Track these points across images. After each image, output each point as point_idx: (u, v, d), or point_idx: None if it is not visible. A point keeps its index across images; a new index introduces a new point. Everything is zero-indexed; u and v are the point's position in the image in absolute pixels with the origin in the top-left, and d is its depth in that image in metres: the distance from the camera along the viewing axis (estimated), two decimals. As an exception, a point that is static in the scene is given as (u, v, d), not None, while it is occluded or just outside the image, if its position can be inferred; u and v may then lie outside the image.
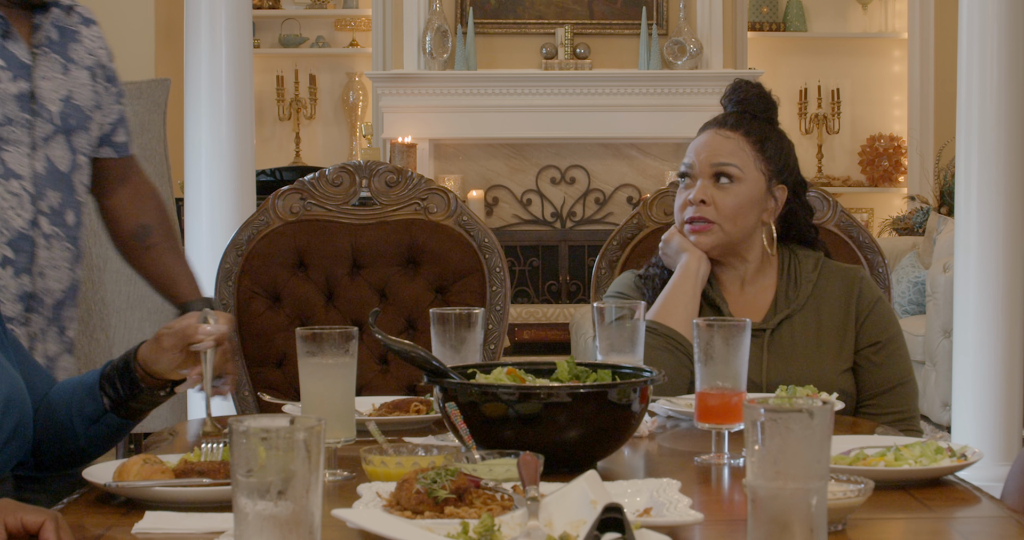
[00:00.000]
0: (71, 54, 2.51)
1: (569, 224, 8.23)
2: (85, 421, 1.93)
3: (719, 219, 2.46)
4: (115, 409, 1.93)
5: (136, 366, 1.92)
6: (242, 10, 4.19)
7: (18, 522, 1.46)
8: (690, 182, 2.50)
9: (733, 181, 2.46)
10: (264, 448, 1.21)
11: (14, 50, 2.41)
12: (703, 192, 2.46)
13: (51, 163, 2.43)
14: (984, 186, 4.34)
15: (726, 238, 2.47)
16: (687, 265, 2.47)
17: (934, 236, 6.93)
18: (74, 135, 2.49)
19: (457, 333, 2.13)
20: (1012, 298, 4.34)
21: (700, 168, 2.48)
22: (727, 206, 2.46)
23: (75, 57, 2.51)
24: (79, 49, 2.52)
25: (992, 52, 4.33)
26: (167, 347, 1.90)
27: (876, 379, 2.46)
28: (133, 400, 1.93)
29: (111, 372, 1.93)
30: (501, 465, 1.65)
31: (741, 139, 2.48)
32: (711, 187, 2.47)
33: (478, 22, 8.08)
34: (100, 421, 1.93)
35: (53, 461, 1.97)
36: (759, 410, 1.27)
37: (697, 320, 1.94)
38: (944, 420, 5.85)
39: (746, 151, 2.47)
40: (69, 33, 2.52)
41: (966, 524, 1.62)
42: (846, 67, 8.71)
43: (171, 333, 1.90)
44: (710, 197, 2.46)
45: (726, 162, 2.46)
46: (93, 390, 1.93)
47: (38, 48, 2.45)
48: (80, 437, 1.93)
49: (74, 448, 1.95)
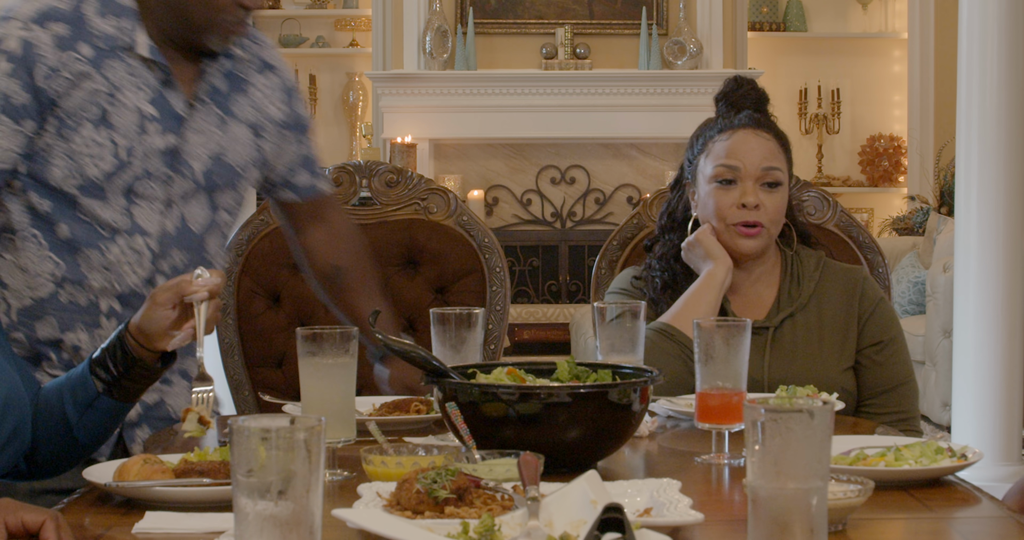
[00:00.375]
0: (233, 108, 2.39)
1: (569, 224, 8.23)
2: (79, 408, 1.91)
3: (767, 222, 2.45)
4: (109, 391, 1.91)
5: (128, 337, 1.90)
6: (242, 10, 4.19)
7: (18, 521, 1.46)
8: (733, 183, 2.45)
9: (779, 184, 2.45)
10: (264, 448, 1.21)
11: (171, 100, 2.31)
12: (756, 195, 2.44)
13: (184, 222, 2.33)
14: (984, 186, 4.34)
15: (770, 241, 2.48)
16: (713, 273, 2.45)
17: (934, 236, 6.93)
18: (218, 193, 2.39)
19: (457, 333, 2.13)
20: (1012, 298, 4.34)
21: (748, 170, 2.44)
22: (775, 209, 2.45)
23: (236, 112, 2.39)
24: (243, 103, 2.40)
25: (992, 52, 4.33)
26: (161, 302, 1.88)
27: (877, 379, 2.46)
28: (127, 378, 1.91)
29: (101, 355, 1.92)
30: (501, 465, 1.65)
31: (774, 140, 2.48)
32: (759, 190, 2.45)
33: (478, 22, 8.08)
34: (94, 406, 1.91)
35: (48, 460, 1.96)
36: (759, 410, 1.27)
37: (697, 320, 1.94)
38: (944, 420, 5.85)
39: (780, 153, 2.48)
40: (238, 83, 2.40)
41: (966, 524, 1.62)
42: (846, 67, 8.71)
43: (164, 289, 1.90)
44: (761, 200, 2.44)
45: (775, 166, 2.45)
46: (84, 376, 1.92)
47: (198, 99, 2.34)
48: (74, 427, 1.92)
49: (69, 442, 1.94)
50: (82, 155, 2.26)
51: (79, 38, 2.25)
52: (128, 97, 2.27)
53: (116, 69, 2.27)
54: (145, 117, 2.28)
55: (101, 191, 2.28)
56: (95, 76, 2.25)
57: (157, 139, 2.28)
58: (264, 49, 2.46)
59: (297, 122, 2.49)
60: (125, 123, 2.27)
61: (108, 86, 2.26)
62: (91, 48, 2.26)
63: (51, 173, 2.27)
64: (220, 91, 2.37)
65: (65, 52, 2.24)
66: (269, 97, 2.43)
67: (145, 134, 2.28)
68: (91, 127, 2.26)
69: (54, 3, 2.26)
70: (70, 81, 2.24)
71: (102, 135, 2.26)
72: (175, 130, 2.31)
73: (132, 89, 2.28)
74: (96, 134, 2.26)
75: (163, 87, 2.30)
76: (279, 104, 2.45)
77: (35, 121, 2.25)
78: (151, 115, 2.29)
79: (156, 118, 2.29)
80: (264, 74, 2.44)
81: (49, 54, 2.23)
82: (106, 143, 2.26)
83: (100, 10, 2.28)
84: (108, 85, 2.26)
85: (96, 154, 2.26)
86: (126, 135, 2.27)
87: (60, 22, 2.25)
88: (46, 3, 2.26)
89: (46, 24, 2.25)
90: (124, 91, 2.27)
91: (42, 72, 2.23)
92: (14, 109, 2.24)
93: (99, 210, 2.28)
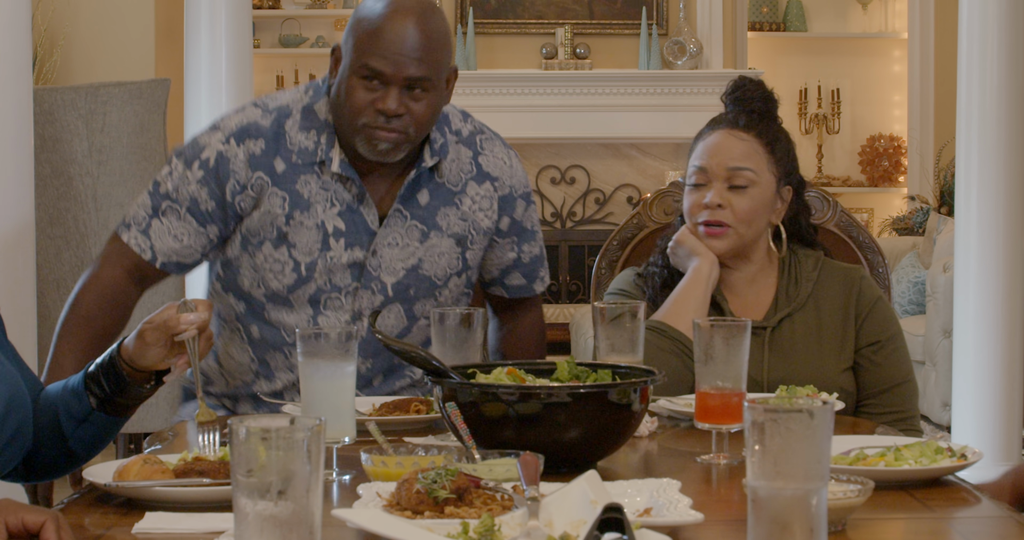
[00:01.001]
0: (439, 221, 2.42)
1: (569, 224, 8.23)
2: (73, 422, 1.92)
3: (734, 223, 2.44)
4: (102, 407, 1.91)
5: (121, 362, 1.90)
6: (242, 10, 4.20)
7: (19, 522, 1.46)
8: (703, 184, 2.46)
9: (748, 185, 2.44)
10: (264, 448, 1.21)
11: (364, 214, 2.36)
12: (719, 196, 2.43)
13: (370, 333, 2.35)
14: (984, 186, 4.34)
15: (740, 241, 2.46)
16: (699, 269, 2.45)
17: (934, 236, 6.92)
18: (415, 303, 2.43)
19: (457, 333, 2.13)
20: (1012, 298, 4.34)
21: (714, 171, 2.44)
22: (743, 210, 2.44)
23: (443, 224, 2.42)
24: (451, 216, 2.43)
25: (992, 52, 4.33)
26: (151, 342, 1.87)
27: (876, 379, 2.46)
28: (120, 396, 1.91)
29: (95, 371, 1.92)
30: (501, 465, 1.65)
31: (754, 141, 2.45)
32: (726, 190, 2.44)
33: (478, 22, 8.08)
34: (88, 420, 1.92)
35: (44, 467, 1.97)
36: (759, 410, 1.27)
37: (697, 320, 1.94)
38: (944, 420, 5.85)
39: (759, 153, 2.45)
40: (447, 196, 2.42)
41: (966, 524, 1.62)
42: (846, 67, 8.71)
43: (153, 328, 1.88)
44: (726, 200, 2.43)
45: (742, 166, 2.43)
46: (79, 390, 1.92)
47: (395, 213, 2.38)
48: (69, 439, 1.93)
49: (64, 451, 1.95)
50: (265, 270, 2.36)
51: (276, 153, 2.35)
52: (316, 212, 2.34)
53: (310, 183, 2.34)
54: (330, 233, 2.35)
55: (287, 301, 2.38)
56: (279, 194, 2.33)
57: (343, 254, 2.35)
58: (488, 157, 2.48)
59: (516, 230, 2.52)
60: (305, 240, 2.34)
61: (291, 203, 2.33)
62: (286, 163, 2.35)
63: (241, 281, 2.39)
64: (422, 205, 2.40)
65: (256, 172, 2.33)
66: (483, 207, 2.45)
67: (328, 250, 2.35)
68: (271, 245, 2.36)
69: (258, 119, 2.37)
70: (254, 199, 2.34)
71: (282, 252, 2.35)
72: (363, 244, 2.36)
73: (323, 203, 2.34)
74: (276, 252, 2.36)
75: (356, 202, 2.35)
76: (492, 213, 2.46)
77: (219, 228, 2.37)
78: (338, 229, 2.35)
79: (343, 233, 2.35)
80: (483, 184, 2.46)
81: (240, 171, 2.34)
82: (286, 260, 2.35)
83: (302, 124, 2.36)
84: (291, 202, 2.33)
85: (277, 270, 2.36)
86: (307, 251, 2.35)
87: (259, 139, 2.34)
88: (251, 119, 2.37)
89: (244, 140, 2.35)
90: (315, 206, 2.34)
91: (231, 187, 2.34)
92: (201, 213, 2.36)
93: (286, 317, 2.38)
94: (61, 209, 4.13)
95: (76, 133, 4.11)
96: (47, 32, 6.56)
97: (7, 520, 1.46)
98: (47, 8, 6.50)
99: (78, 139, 4.12)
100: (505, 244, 2.52)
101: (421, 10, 2.31)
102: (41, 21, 6.45)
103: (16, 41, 3.44)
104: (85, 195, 4.12)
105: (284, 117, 2.37)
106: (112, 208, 4.15)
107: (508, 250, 2.53)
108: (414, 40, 2.28)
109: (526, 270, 2.57)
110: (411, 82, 2.28)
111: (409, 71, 2.28)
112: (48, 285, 4.13)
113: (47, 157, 4.07)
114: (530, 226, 2.55)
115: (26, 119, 3.49)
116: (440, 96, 2.34)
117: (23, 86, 3.47)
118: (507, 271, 2.56)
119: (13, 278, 3.43)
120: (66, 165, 4.11)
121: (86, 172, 4.12)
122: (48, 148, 4.08)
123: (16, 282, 3.44)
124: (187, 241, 2.37)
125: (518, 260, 2.55)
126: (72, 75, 6.69)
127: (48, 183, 4.10)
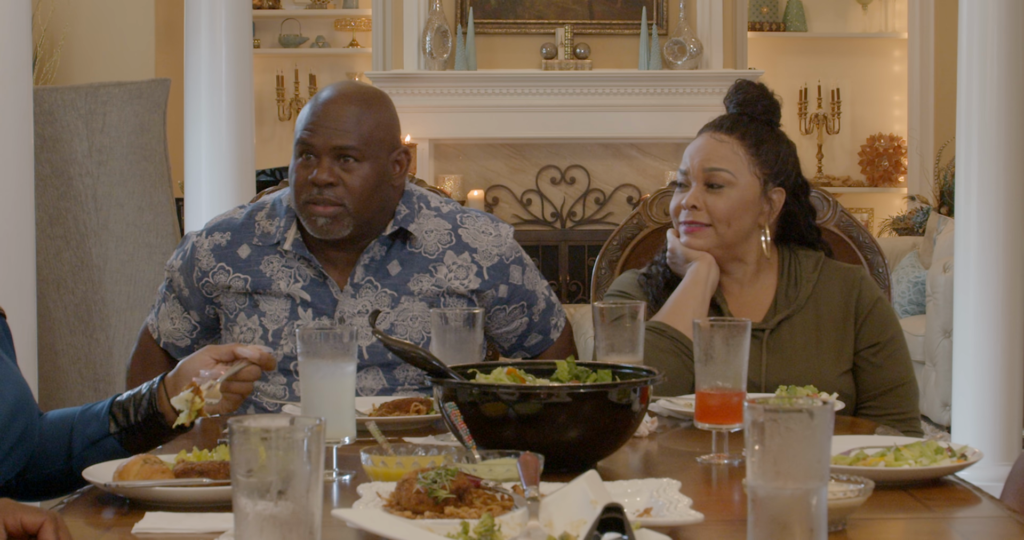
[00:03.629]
0: (411, 286, 2.46)
1: (569, 224, 8.23)
2: (84, 441, 1.98)
3: (713, 222, 2.47)
4: (119, 434, 1.98)
5: (162, 389, 1.99)
6: (242, 10, 4.19)
7: (17, 522, 1.46)
8: (685, 186, 2.51)
9: (725, 186, 2.47)
10: (264, 448, 1.21)
11: (328, 286, 2.44)
12: (695, 197, 2.48)
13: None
14: (984, 186, 4.34)
15: (720, 240, 2.48)
16: (697, 271, 2.47)
17: (934, 236, 6.92)
18: (395, 368, 2.45)
19: (457, 333, 2.13)
20: (1012, 298, 4.33)
21: (694, 172, 2.49)
22: (719, 210, 2.47)
23: (415, 289, 2.46)
24: (424, 281, 2.46)
25: (992, 52, 4.33)
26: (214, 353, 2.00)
27: (876, 380, 2.46)
28: (142, 428, 1.98)
29: (127, 399, 2.00)
30: (501, 465, 1.65)
31: (736, 143, 2.48)
32: (704, 192, 2.48)
33: (478, 22, 8.08)
34: (99, 444, 1.98)
35: (41, 482, 1.98)
36: (759, 410, 1.27)
37: (697, 320, 1.94)
38: (944, 420, 5.85)
39: (739, 155, 2.47)
40: (420, 263, 2.46)
41: (966, 524, 1.62)
42: (846, 67, 8.70)
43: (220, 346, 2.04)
44: (702, 202, 2.47)
45: (717, 167, 2.47)
46: (101, 413, 1.99)
47: (367, 283, 2.44)
48: (75, 457, 1.96)
49: (65, 469, 1.97)
50: (240, 339, 2.45)
51: (241, 242, 2.49)
52: (280, 285, 2.44)
53: (272, 263, 2.45)
54: (298, 303, 2.43)
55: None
56: (241, 277, 2.46)
57: (310, 322, 2.42)
58: (469, 229, 2.51)
59: (521, 294, 2.55)
60: (275, 308, 2.45)
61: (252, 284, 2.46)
62: (250, 248, 2.48)
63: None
64: (392, 275, 2.45)
65: (219, 262, 2.48)
66: (459, 276, 2.48)
67: (296, 318, 2.43)
68: (244, 315, 2.47)
69: (235, 215, 2.54)
70: (215, 286, 2.48)
71: (253, 320, 2.46)
72: (329, 313, 2.43)
73: (287, 279, 2.44)
74: (248, 320, 2.47)
75: (316, 276, 2.43)
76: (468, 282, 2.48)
77: (198, 314, 2.53)
78: (304, 300, 2.43)
79: (309, 303, 2.43)
80: (460, 254, 2.49)
81: (203, 259, 2.49)
82: (256, 327, 2.45)
83: (269, 213, 2.50)
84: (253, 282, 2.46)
85: (248, 339, 2.44)
86: (275, 319, 2.43)
87: (227, 232, 2.50)
88: (229, 216, 2.54)
89: (213, 233, 2.51)
90: (277, 282, 2.44)
91: (196, 275, 2.50)
92: (184, 300, 2.54)
93: (262, 385, 2.44)
94: (61, 209, 4.13)
95: (76, 133, 4.11)
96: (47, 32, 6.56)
97: (6, 520, 1.46)
98: (47, 8, 6.50)
99: (78, 139, 4.11)
100: (513, 311, 2.56)
101: (362, 96, 2.42)
102: (41, 21, 6.46)
103: (16, 41, 3.45)
104: (85, 195, 4.12)
105: (257, 210, 2.51)
106: (112, 208, 4.15)
107: (519, 315, 2.57)
108: (346, 114, 2.37)
109: (541, 327, 2.62)
110: (340, 151, 2.36)
111: (336, 141, 2.36)
112: (48, 285, 4.13)
113: (47, 157, 4.07)
114: (532, 287, 2.58)
115: (26, 119, 3.49)
116: (379, 171, 2.40)
117: (23, 86, 3.47)
118: (524, 335, 2.61)
119: (13, 278, 3.43)
120: (66, 165, 4.11)
121: (86, 172, 4.12)
122: (48, 148, 4.08)
123: (16, 282, 3.44)
124: (178, 324, 2.57)
125: (531, 322, 2.60)
126: (72, 75, 6.69)
127: (48, 183, 4.10)
